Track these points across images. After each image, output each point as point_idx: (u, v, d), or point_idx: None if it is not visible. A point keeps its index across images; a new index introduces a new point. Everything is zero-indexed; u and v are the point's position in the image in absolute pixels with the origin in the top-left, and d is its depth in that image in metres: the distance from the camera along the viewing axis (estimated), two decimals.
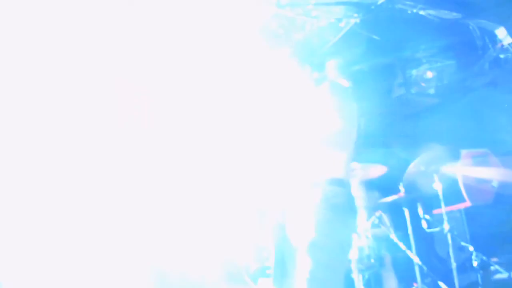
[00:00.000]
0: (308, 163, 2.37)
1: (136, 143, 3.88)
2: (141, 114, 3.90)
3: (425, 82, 4.28)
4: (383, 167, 3.73)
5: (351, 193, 2.37)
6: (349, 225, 2.35)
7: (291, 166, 2.49)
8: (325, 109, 2.34)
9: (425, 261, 3.93)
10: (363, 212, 3.71)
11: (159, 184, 3.95)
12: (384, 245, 3.74)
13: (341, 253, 2.21)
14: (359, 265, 3.42)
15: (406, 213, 4.01)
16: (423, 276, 3.96)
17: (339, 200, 2.24)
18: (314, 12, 3.57)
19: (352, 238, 2.59)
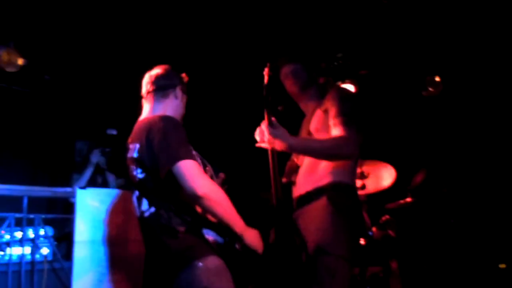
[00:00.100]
0: (313, 167, 2.34)
1: None
2: None
3: None
4: (391, 172, 3.69)
5: (357, 198, 2.36)
6: (355, 231, 2.31)
7: (296, 170, 2.46)
8: (331, 112, 2.30)
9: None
10: (370, 217, 3.67)
11: None
12: (391, 250, 3.69)
13: (348, 259, 2.17)
14: (364, 270, 3.39)
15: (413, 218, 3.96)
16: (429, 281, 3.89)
17: (345, 205, 2.22)
18: None
19: (358, 243, 2.56)
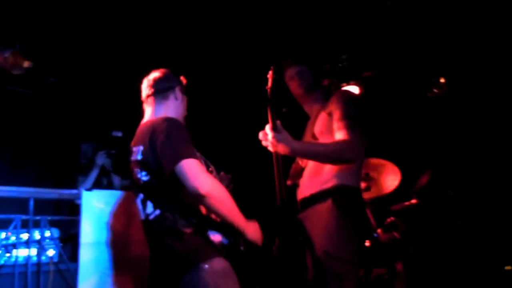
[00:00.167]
0: (318, 170, 2.34)
1: None
2: None
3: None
4: (396, 174, 3.68)
5: (362, 201, 2.35)
6: (361, 234, 2.32)
7: (300, 173, 2.45)
8: (335, 115, 2.29)
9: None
10: (375, 219, 3.67)
11: None
12: (396, 252, 3.68)
13: (354, 262, 2.17)
14: (369, 272, 3.39)
15: (418, 220, 3.94)
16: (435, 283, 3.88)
17: (350, 208, 2.22)
18: None
19: (363, 246, 2.55)
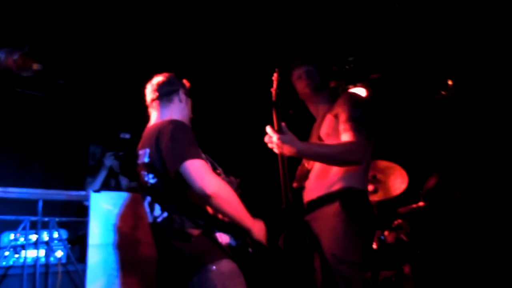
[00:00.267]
0: (324, 172, 2.34)
1: None
2: None
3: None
4: (403, 177, 3.67)
5: (369, 203, 2.35)
6: (368, 237, 2.32)
7: (306, 175, 2.44)
8: (341, 117, 2.29)
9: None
10: (382, 221, 3.66)
11: None
12: (403, 255, 3.67)
13: (362, 265, 2.17)
14: (376, 274, 3.39)
15: (426, 223, 3.92)
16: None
17: (357, 211, 2.22)
18: None
19: (371, 248, 2.55)
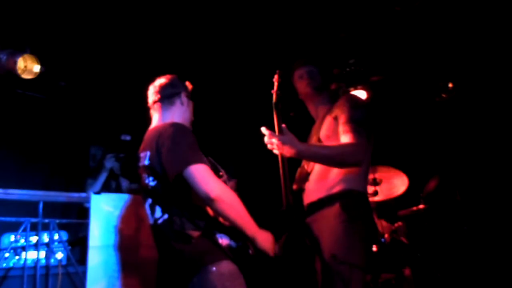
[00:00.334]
0: (324, 174, 2.34)
1: None
2: None
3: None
4: (404, 179, 3.68)
5: (369, 205, 2.35)
6: (368, 238, 2.31)
7: (306, 177, 2.45)
8: (340, 119, 2.29)
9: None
10: (382, 223, 3.66)
11: None
12: (403, 257, 3.67)
13: (362, 267, 2.16)
14: (377, 277, 3.39)
15: (426, 225, 3.92)
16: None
17: (357, 213, 2.22)
18: None
19: (371, 250, 2.54)
